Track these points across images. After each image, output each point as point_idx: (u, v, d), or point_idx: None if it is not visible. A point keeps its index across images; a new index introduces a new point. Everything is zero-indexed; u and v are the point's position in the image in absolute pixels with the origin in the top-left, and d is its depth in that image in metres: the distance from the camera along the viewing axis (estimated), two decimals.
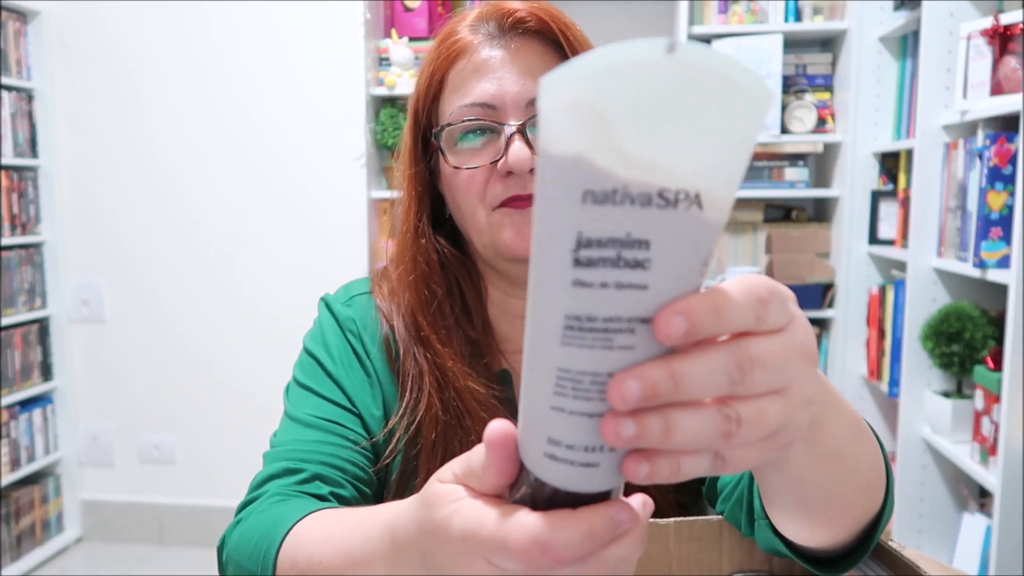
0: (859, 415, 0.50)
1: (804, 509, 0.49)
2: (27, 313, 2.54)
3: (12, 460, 2.47)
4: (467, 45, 0.72)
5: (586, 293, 0.28)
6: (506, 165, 0.69)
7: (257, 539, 0.60)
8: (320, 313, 0.80)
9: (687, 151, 0.26)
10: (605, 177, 0.26)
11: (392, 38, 2.42)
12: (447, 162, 0.72)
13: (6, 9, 2.44)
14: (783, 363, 0.31)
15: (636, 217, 0.26)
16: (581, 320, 0.28)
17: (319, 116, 2.54)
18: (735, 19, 2.36)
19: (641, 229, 0.27)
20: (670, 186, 0.26)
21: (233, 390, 2.62)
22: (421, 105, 0.75)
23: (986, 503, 1.82)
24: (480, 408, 0.72)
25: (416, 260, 0.76)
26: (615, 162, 0.26)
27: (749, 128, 0.27)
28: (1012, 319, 1.49)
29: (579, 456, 0.31)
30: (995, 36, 1.67)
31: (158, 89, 2.59)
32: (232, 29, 2.55)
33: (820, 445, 0.43)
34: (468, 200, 0.72)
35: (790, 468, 0.44)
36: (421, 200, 0.76)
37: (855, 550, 0.56)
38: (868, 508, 0.53)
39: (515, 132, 0.69)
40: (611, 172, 0.26)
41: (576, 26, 0.74)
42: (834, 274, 2.38)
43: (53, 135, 2.60)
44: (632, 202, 0.26)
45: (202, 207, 2.61)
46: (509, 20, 0.72)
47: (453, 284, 0.77)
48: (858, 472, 0.49)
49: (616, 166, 0.26)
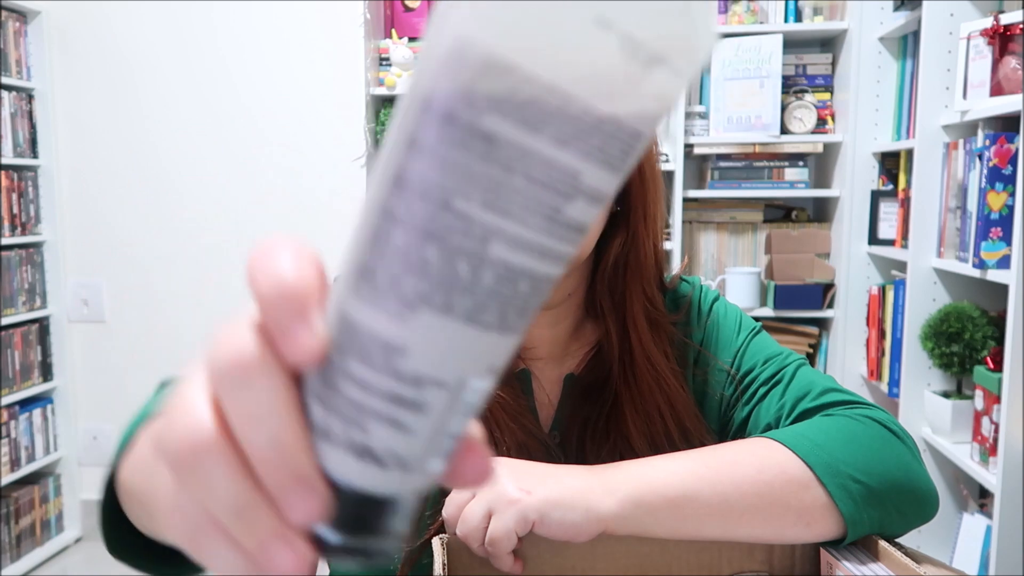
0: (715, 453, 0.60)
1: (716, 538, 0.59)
2: (27, 313, 2.54)
3: (12, 460, 2.47)
4: None
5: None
6: None
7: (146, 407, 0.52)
8: None
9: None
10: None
11: (392, 38, 2.42)
12: None
13: (6, 9, 2.44)
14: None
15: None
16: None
17: (319, 116, 2.54)
18: (735, 19, 2.36)
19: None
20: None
21: None
22: None
23: (986, 503, 1.82)
24: (506, 416, 0.69)
25: None
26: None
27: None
28: (1012, 319, 1.49)
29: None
30: (995, 36, 1.67)
31: (158, 89, 2.59)
32: (232, 29, 2.55)
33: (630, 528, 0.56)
34: None
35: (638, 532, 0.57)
36: None
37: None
38: (804, 515, 0.58)
39: None
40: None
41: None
42: (834, 274, 2.38)
43: (53, 135, 2.60)
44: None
45: (202, 207, 2.61)
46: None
47: None
48: (724, 512, 0.57)
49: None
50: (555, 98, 0.19)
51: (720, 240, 2.48)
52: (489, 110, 0.19)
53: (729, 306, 0.79)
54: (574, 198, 0.20)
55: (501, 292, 0.21)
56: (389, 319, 0.21)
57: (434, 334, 0.21)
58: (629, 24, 0.19)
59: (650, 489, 0.55)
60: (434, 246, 0.20)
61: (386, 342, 0.21)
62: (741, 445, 0.61)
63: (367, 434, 0.22)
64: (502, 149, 0.19)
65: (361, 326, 0.21)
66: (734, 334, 0.76)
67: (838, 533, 0.59)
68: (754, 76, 2.31)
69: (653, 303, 0.73)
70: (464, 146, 0.19)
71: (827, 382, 0.71)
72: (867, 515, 0.58)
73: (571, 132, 0.20)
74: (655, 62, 0.19)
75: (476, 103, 0.19)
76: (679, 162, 2.32)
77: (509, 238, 0.20)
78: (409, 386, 0.21)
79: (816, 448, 0.60)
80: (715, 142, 2.36)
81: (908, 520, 0.61)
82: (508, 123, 0.19)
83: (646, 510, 0.55)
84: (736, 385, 0.74)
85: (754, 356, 0.74)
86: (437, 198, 0.20)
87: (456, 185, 0.20)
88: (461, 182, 0.20)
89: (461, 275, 0.20)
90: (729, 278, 2.36)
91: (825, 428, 0.63)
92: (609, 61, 0.19)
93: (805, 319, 2.41)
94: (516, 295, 0.21)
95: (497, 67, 0.19)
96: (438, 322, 0.21)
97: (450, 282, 0.20)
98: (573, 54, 0.19)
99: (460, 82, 0.19)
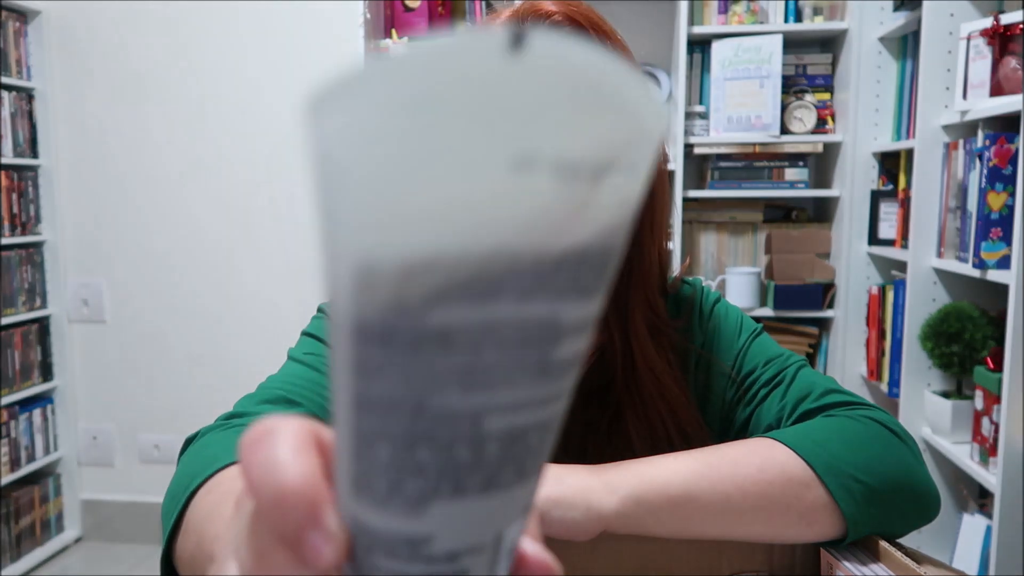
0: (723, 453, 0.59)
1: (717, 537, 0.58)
2: (27, 313, 2.54)
3: (12, 460, 2.47)
4: None
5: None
6: None
7: (215, 451, 0.55)
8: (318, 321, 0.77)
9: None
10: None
11: (392, 38, 2.42)
12: None
13: (6, 9, 2.44)
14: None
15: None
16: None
17: None
18: (735, 19, 2.36)
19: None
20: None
21: (233, 390, 2.60)
22: None
23: (986, 503, 1.82)
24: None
25: None
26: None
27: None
28: (1012, 319, 1.49)
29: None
30: (995, 36, 1.67)
31: (158, 89, 2.58)
32: (232, 29, 2.55)
33: (631, 527, 0.55)
34: None
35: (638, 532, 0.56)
36: None
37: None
38: (806, 514, 0.58)
39: None
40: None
41: (617, 34, 0.71)
42: (834, 274, 2.38)
43: (53, 135, 2.60)
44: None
45: (202, 207, 2.61)
46: (546, 22, 0.68)
47: None
48: (726, 511, 0.56)
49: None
50: (500, 261, 0.16)
51: (720, 240, 2.48)
52: (429, 308, 0.17)
53: (730, 308, 0.79)
54: (559, 341, 0.18)
55: (511, 454, 0.19)
56: (403, 519, 0.19)
57: (455, 516, 0.20)
58: (554, 151, 0.16)
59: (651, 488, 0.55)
60: (424, 448, 0.18)
61: (408, 537, 0.20)
62: (743, 445, 0.61)
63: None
64: (461, 335, 0.17)
65: (377, 529, 0.20)
66: (735, 336, 0.76)
67: (839, 533, 0.59)
68: (754, 76, 2.31)
69: (655, 311, 0.73)
70: (416, 352, 0.17)
71: (828, 383, 0.71)
72: (868, 515, 0.58)
73: (532, 283, 0.17)
74: (602, 172, 0.16)
75: (411, 310, 0.17)
76: (679, 162, 2.32)
77: (502, 408, 0.18)
78: (445, 563, 0.20)
79: (817, 448, 0.60)
80: (715, 142, 2.36)
81: (909, 520, 0.61)
82: (457, 309, 0.17)
83: (647, 509, 0.55)
84: (737, 387, 0.74)
85: (755, 358, 0.74)
86: (409, 407, 0.18)
87: (424, 387, 0.18)
88: (428, 383, 0.18)
89: (464, 460, 0.19)
90: (729, 278, 2.36)
91: (826, 428, 0.63)
92: (546, 197, 0.16)
93: (805, 319, 2.41)
94: (528, 448, 0.19)
95: (417, 269, 0.16)
96: (455, 506, 0.19)
97: (454, 469, 0.19)
98: (501, 211, 0.16)
99: (383, 299, 0.17)
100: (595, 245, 0.17)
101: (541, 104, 0.15)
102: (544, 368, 0.18)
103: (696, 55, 2.40)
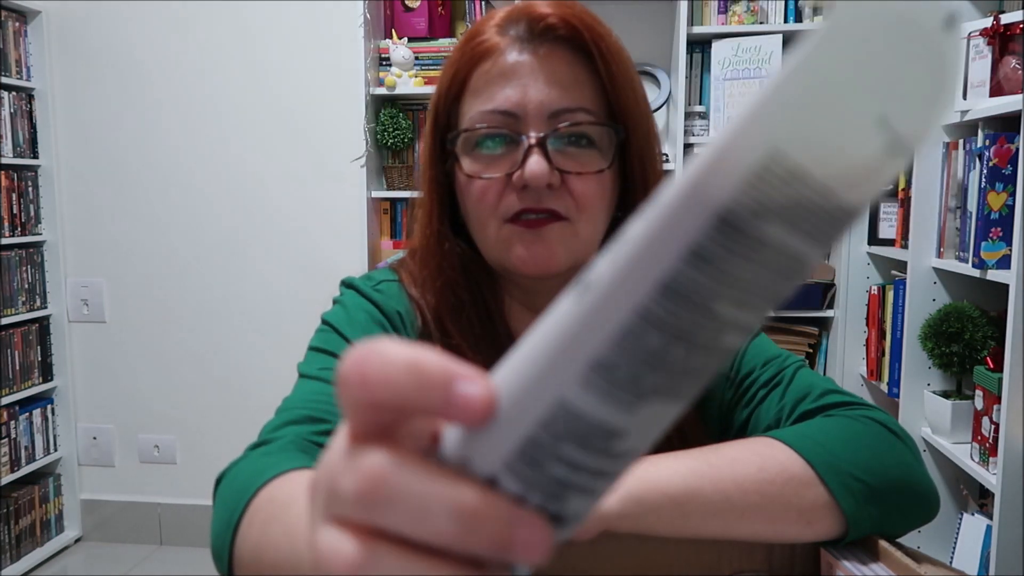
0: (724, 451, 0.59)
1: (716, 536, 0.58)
2: (27, 313, 2.54)
3: (12, 460, 2.47)
4: (493, 47, 0.68)
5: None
6: (522, 179, 0.66)
7: (247, 476, 0.55)
8: (344, 295, 0.74)
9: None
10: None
11: (392, 38, 2.42)
12: (461, 169, 0.69)
13: (6, 9, 2.44)
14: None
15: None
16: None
17: (319, 116, 2.54)
18: (735, 19, 2.36)
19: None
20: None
21: (233, 390, 2.62)
22: (442, 105, 0.72)
23: (986, 503, 1.82)
24: None
25: (442, 267, 0.73)
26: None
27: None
28: (1012, 319, 1.49)
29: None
30: (995, 36, 1.67)
31: (158, 89, 2.59)
32: (232, 29, 2.54)
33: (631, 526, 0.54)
34: (480, 211, 0.69)
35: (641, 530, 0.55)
36: (442, 203, 0.73)
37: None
38: (806, 513, 0.57)
39: (534, 145, 0.66)
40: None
41: (612, 36, 0.70)
42: (834, 274, 2.38)
43: (53, 135, 2.60)
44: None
45: (202, 207, 2.61)
46: (540, 25, 0.68)
47: (476, 291, 0.74)
48: (726, 510, 0.56)
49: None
50: (819, 197, 0.19)
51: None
52: (772, 218, 0.19)
53: None
54: (795, 280, 0.20)
55: (711, 368, 0.21)
56: (618, 409, 0.20)
57: (655, 417, 0.21)
58: (899, 121, 0.19)
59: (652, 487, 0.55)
60: (682, 346, 0.20)
61: (610, 429, 0.21)
62: (743, 444, 0.61)
63: (563, 504, 0.22)
64: (767, 251, 0.19)
65: (586, 415, 0.21)
66: None
67: (839, 532, 0.59)
68: (754, 76, 2.31)
69: None
70: (743, 255, 0.19)
71: (826, 384, 0.71)
72: (868, 514, 0.58)
73: (816, 224, 0.19)
74: (901, 151, 0.19)
75: (766, 214, 0.19)
76: (679, 162, 2.32)
77: (741, 328, 0.20)
78: (614, 461, 0.21)
79: (817, 447, 0.60)
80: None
81: (909, 520, 0.61)
82: (781, 227, 0.19)
83: (648, 508, 0.55)
84: (735, 388, 0.74)
85: (753, 359, 0.74)
86: (702, 304, 0.19)
87: (721, 290, 0.19)
88: (726, 287, 0.19)
89: (695, 366, 0.20)
90: None
91: (826, 428, 0.63)
92: (870, 156, 0.19)
93: (805, 319, 2.41)
94: (708, 373, 0.21)
95: (797, 177, 0.18)
96: (662, 407, 0.21)
97: (683, 373, 0.20)
98: (848, 154, 0.19)
99: (761, 195, 0.18)
100: (859, 210, 0.20)
101: (908, 83, 0.19)
102: (775, 300, 0.20)
103: (696, 55, 2.40)
